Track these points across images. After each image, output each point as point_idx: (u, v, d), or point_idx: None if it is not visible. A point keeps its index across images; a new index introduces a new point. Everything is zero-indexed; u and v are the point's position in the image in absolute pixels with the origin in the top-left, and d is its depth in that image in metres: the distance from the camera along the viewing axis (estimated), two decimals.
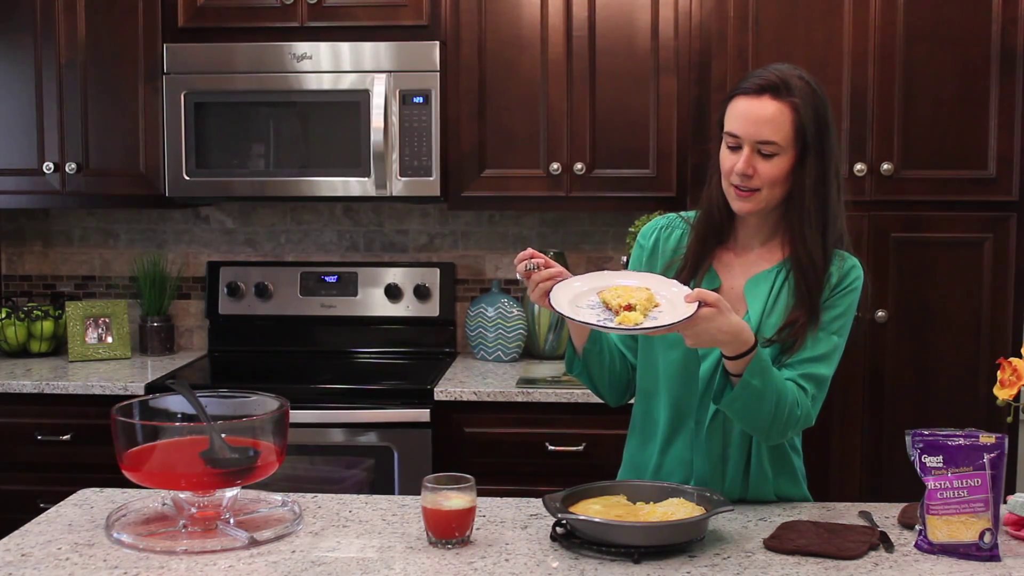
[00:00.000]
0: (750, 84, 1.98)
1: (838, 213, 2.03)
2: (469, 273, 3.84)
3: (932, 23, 3.14)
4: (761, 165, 1.97)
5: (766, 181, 1.98)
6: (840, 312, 2.03)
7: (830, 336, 2.02)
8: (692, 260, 2.09)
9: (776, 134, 1.95)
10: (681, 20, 3.35)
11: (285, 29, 3.46)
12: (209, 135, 3.46)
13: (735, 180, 1.99)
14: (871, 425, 3.21)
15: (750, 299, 2.06)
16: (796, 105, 1.95)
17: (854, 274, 2.05)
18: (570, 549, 1.84)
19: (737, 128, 1.98)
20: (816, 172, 1.98)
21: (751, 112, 1.96)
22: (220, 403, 2.07)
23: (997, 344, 3.16)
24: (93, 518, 2.01)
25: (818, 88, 1.99)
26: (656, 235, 2.17)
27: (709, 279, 2.08)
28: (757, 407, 1.93)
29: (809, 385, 2.00)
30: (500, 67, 3.41)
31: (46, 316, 3.72)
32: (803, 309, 2.00)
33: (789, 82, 1.96)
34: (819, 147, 1.97)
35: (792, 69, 2.00)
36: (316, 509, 2.07)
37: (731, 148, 2.00)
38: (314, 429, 3.20)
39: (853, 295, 2.05)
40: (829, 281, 2.03)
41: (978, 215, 3.17)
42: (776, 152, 1.96)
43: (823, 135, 1.98)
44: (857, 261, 2.08)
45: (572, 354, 2.14)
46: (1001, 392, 1.91)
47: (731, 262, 2.10)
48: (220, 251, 3.91)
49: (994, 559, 1.79)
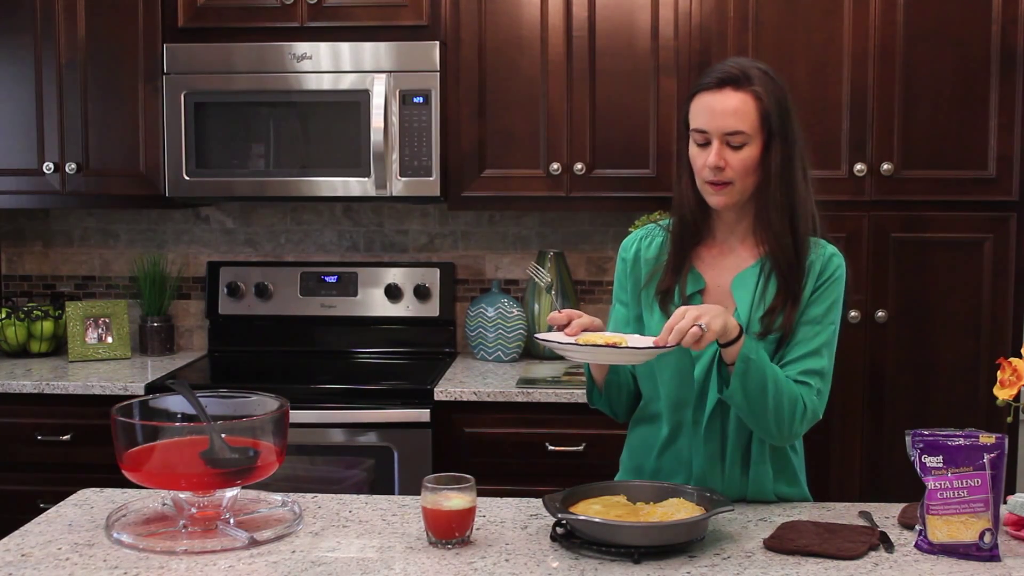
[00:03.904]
0: (711, 79, 2.03)
1: (805, 196, 2.07)
2: (469, 273, 3.84)
3: (932, 23, 3.14)
4: (731, 157, 2.01)
5: (738, 172, 2.01)
6: (830, 304, 2.07)
7: (826, 327, 2.06)
8: (672, 262, 2.12)
9: (743, 123, 1.99)
10: (681, 20, 3.35)
11: (285, 29, 3.46)
12: (209, 135, 3.46)
13: (708, 175, 2.03)
14: (871, 425, 3.21)
15: (737, 296, 2.08)
16: (758, 93, 2.00)
17: (836, 262, 2.09)
18: (570, 549, 1.84)
19: (704, 123, 2.02)
20: (781, 157, 2.02)
21: (716, 105, 2.00)
22: (220, 403, 2.07)
23: (997, 344, 3.16)
24: (93, 518, 2.01)
25: (775, 76, 2.05)
26: (636, 246, 2.20)
27: (693, 280, 2.11)
28: (759, 389, 1.94)
29: (812, 380, 2.02)
30: (500, 67, 3.41)
31: (46, 316, 3.72)
32: (782, 295, 2.04)
33: (748, 72, 2.01)
34: (783, 133, 2.02)
35: (748, 61, 2.07)
36: (316, 509, 2.07)
37: (700, 145, 2.04)
38: (314, 429, 3.20)
39: (838, 284, 2.08)
40: (812, 270, 2.07)
41: (978, 215, 3.18)
42: (745, 142, 2.00)
43: (786, 121, 2.03)
44: (836, 249, 2.11)
45: (592, 387, 2.19)
46: (1001, 392, 1.91)
47: (713, 261, 2.13)
48: (220, 251, 3.91)
49: (994, 559, 1.79)
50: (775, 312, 2.03)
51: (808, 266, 2.06)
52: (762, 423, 2.00)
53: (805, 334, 2.04)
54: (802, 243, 2.05)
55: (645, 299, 2.14)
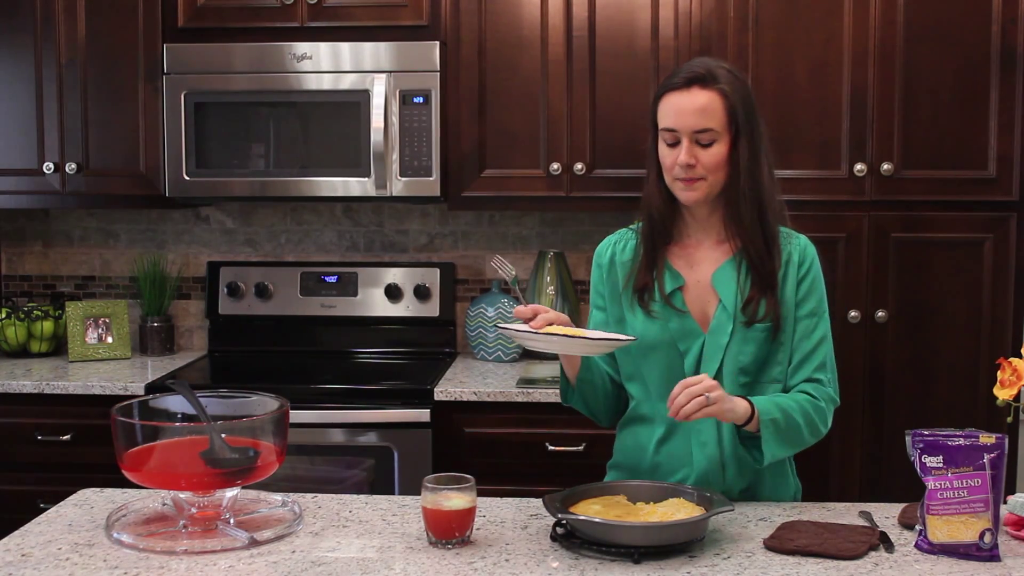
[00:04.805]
0: (678, 80, 2.08)
1: (771, 189, 2.12)
2: (469, 273, 3.84)
3: (932, 23, 3.14)
4: (701, 154, 2.06)
5: (709, 168, 2.06)
6: (819, 295, 2.15)
7: (822, 318, 2.13)
8: (645, 261, 2.16)
9: (711, 121, 2.05)
10: (681, 20, 3.35)
11: (285, 29, 3.46)
12: (209, 135, 3.46)
13: (679, 173, 2.08)
14: (871, 425, 3.21)
15: (720, 290, 2.12)
16: (724, 91, 2.05)
17: (811, 251, 2.17)
18: (570, 549, 1.84)
19: (673, 122, 2.06)
20: (748, 152, 2.07)
21: (684, 104, 2.05)
22: (220, 403, 2.07)
23: (997, 344, 3.16)
24: (93, 518, 2.01)
25: (739, 74, 2.11)
26: (611, 251, 2.24)
27: (672, 277, 2.15)
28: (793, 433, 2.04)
29: (822, 374, 2.11)
30: (500, 67, 3.41)
31: (46, 316, 3.72)
32: (757, 285, 2.10)
33: (713, 71, 2.06)
34: (749, 129, 2.07)
35: (712, 60, 2.13)
36: (316, 509, 2.07)
37: (669, 144, 2.09)
38: (314, 429, 3.20)
39: (818, 271, 2.16)
40: (791, 261, 2.12)
41: (978, 215, 3.18)
42: (714, 139, 2.06)
43: (751, 117, 2.08)
44: (806, 237, 2.18)
45: (566, 386, 2.22)
46: (1001, 392, 1.91)
47: (689, 258, 2.17)
48: (220, 251, 3.91)
49: (994, 559, 1.79)
50: (754, 302, 2.09)
51: (787, 257, 2.12)
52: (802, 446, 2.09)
53: (805, 330, 2.11)
54: (771, 234, 2.11)
55: (625, 301, 2.18)
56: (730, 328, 2.09)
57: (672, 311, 2.12)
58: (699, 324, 2.12)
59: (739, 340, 2.09)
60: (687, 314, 2.12)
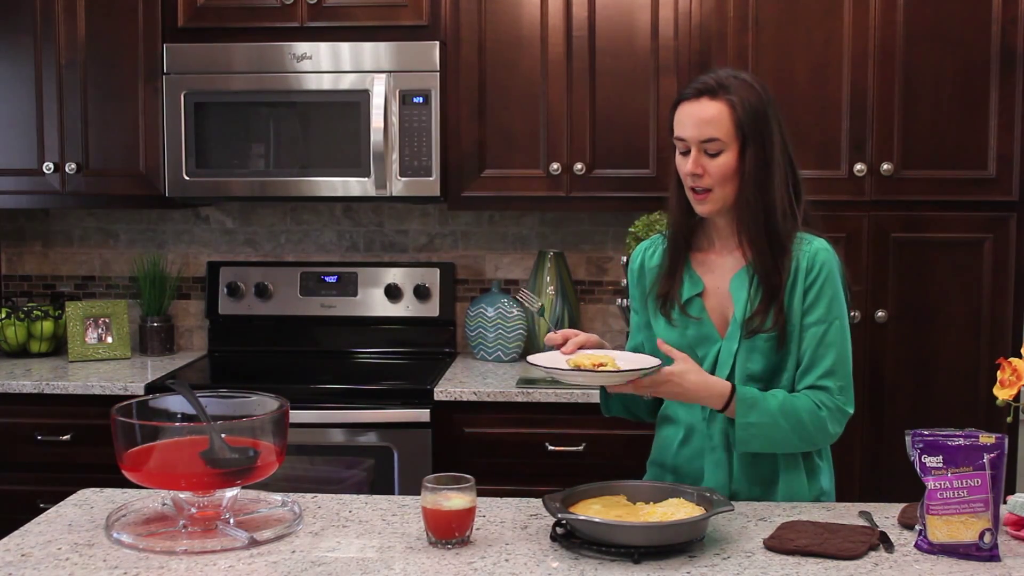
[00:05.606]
0: (690, 90, 2.11)
1: (786, 199, 2.10)
2: (469, 273, 3.84)
3: (932, 23, 3.14)
4: (708, 164, 2.07)
5: (716, 179, 2.07)
6: (828, 301, 2.10)
7: (831, 325, 2.10)
8: (668, 268, 2.19)
9: (717, 131, 2.06)
10: (681, 20, 3.35)
11: (285, 29, 3.46)
12: (209, 135, 3.46)
13: (689, 182, 2.10)
14: (871, 425, 3.21)
15: (735, 297, 2.13)
16: (732, 102, 2.06)
17: (822, 256, 2.11)
18: (570, 549, 1.84)
19: (683, 132, 2.10)
20: (756, 160, 2.07)
21: (692, 114, 2.08)
22: (220, 403, 2.07)
23: (997, 344, 3.16)
24: (93, 518, 2.01)
25: (756, 84, 2.10)
26: (641, 256, 2.28)
27: (692, 283, 2.17)
28: (771, 435, 2.04)
29: (827, 381, 2.09)
30: (500, 67, 3.41)
31: (46, 316, 3.72)
32: (765, 297, 2.09)
33: (724, 82, 2.08)
34: (757, 137, 2.07)
35: (730, 72, 2.13)
36: (316, 509, 2.07)
37: (682, 153, 2.12)
38: (314, 429, 3.20)
39: (832, 277, 2.11)
40: (799, 268, 2.10)
41: (978, 215, 3.18)
42: (720, 149, 2.07)
43: (761, 126, 2.07)
44: (824, 242, 2.14)
45: (605, 397, 2.25)
46: (1001, 392, 1.91)
47: (711, 264, 2.18)
48: (220, 251, 3.91)
49: (994, 559, 1.79)
50: (760, 313, 2.08)
51: (795, 264, 2.09)
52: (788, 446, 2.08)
53: (812, 338, 2.09)
54: (780, 246, 2.09)
55: (651, 307, 2.21)
56: (739, 336, 2.10)
57: (689, 319, 2.14)
58: (719, 329, 2.14)
59: (746, 349, 2.10)
60: (704, 321, 2.14)
